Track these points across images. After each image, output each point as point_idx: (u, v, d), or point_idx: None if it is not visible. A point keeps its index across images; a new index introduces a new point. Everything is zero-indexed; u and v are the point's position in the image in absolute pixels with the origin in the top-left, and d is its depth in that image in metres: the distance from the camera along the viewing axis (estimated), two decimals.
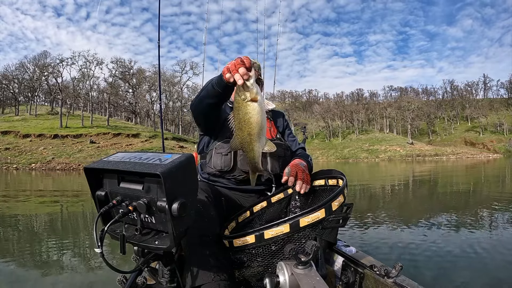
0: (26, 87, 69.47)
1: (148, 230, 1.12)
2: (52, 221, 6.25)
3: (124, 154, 1.17)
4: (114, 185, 1.11)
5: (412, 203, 8.08)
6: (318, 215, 1.23)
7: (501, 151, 77.22)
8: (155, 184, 1.02)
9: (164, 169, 0.96)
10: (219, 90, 1.47)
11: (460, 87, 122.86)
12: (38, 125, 51.17)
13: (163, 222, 1.04)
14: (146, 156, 1.11)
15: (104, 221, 1.11)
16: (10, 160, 36.96)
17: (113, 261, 3.31)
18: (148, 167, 1.01)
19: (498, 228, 4.89)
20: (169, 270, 1.28)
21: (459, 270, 3.18)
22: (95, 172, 1.14)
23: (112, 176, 1.12)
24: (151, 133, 51.30)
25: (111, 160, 1.14)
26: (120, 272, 1.11)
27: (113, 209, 1.08)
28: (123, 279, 1.24)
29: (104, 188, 1.13)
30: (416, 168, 28.00)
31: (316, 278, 1.10)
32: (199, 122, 1.84)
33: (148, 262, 1.22)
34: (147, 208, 1.03)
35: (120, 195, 1.08)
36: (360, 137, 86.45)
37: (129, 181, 1.09)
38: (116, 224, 1.13)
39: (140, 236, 1.10)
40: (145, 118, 78.59)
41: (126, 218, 1.11)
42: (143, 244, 1.08)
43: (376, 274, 1.37)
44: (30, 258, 3.78)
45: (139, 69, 70.34)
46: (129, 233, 1.11)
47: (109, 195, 1.12)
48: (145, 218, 1.08)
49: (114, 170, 1.08)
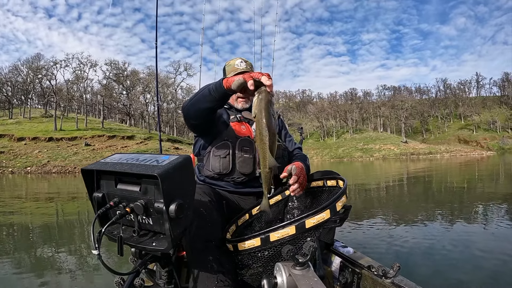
0: (20, 90, 68.90)
1: (146, 231, 1.12)
2: (49, 224, 6.21)
3: (121, 156, 1.17)
4: (111, 187, 1.11)
5: (408, 202, 8.13)
6: (323, 216, 1.22)
7: (494, 148, 77.84)
8: (153, 185, 1.02)
9: (162, 171, 0.96)
10: (215, 96, 1.49)
11: (453, 86, 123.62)
12: (32, 128, 50.70)
13: (161, 223, 1.04)
14: (143, 157, 1.11)
15: (101, 223, 1.11)
16: (5, 163, 36.55)
17: (110, 261, 3.31)
18: (145, 168, 1.01)
19: (493, 224, 4.94)
20: (166, 271, 1.28)
21: (456, 268, 3.20)
22: (92, 174, 1.13)
23: (109, 178, 1.11)
24: (146, 135, 51.07)
25: (108, 161, 1.14)
26: (117, 273, 1.11)
27: (111, 210, 1.08)
28: (120, 281, 1.23)
29: (101, 190, 1.13)
30: (411, 166, 28.14)
31: (314, 279, 1.10)
32: (189, 124, 1.81)
33: (145, 263, 1.22)
34: (145, 210, 1.03)
35: (117, 197, 1.08)
36: (354, 137, 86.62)
37: (126, 182, 1.09)
38: (113, 226, 1.13)
39: (137, 238, 1.10)
40: (139, 120, 78.22)
41: (124, 220, 1.11)
42: (141, 246, 1.07)
43: (374, 275, 1.38)
44: (28, 262, 3.76)
45: (133, 71, 70.05)
46: (127, 234, 1.11)
47: (106, 197, 1.11)
48: (143, 220, 1.08)
49: (111, 171, 1.08)
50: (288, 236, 1.21)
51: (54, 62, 60.33)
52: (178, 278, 1.32)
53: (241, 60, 2.12)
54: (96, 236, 0.98)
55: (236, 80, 1.37)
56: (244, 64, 2.09)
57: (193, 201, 1.14)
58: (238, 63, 2.09)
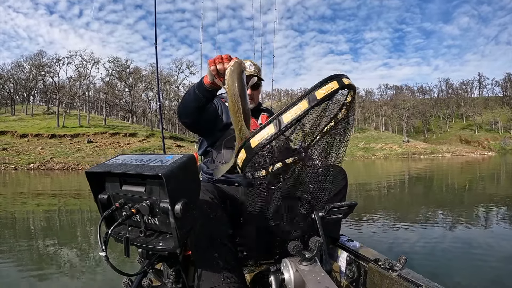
0: (22, 87, 69.06)
1: (152, 231, 1.12)
2: (56, 223, 6.23)
3: (125, 157, 1.17)
4: (116, 188, 1.11)
5: (411, 200, 8.12)
6: (331, 86, 1.11)
7: (496, 149, 77.64)
8: (157, 185, 1.02)
9: (166, 171, 0.97)
10: (199, 94, 1.52)
11: (455, 86, 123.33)
12: (35, 125, 50.84)
13: (167, 223, 1.04)
14: (147, 158, 1.11)
15: (107, 224, 1.11)
16: (8, 160, 36.68)
17: (117, 262, 3.31)
18: (150, 169, 1.01)
19: (495, 222, 4.94)
20: (174, 271, 1.28)
21: (462, 261, 3.21)
22: (97, 176, 1.14)
23: (114, 179, 1.12)
24: (148, 132, 51.13)
25: (112, 163, 1.14)
26: (125, 274, 1.11)
27: (116, 212, 1.08)
28: (128, 281, 1.24)
29: (106, 192, 1.13)
30: (412, 166, 28.10)
31: (321, 274, 1.11)
32: (183, 123, 1.80)
33: (152, 263, 1.22)
34: (150, 210, 1.03)
35: (122, 198, 1.09)
36: (356, 135, 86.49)
37: (131, 183, 1.09)
38: (119, 227, 1.13)
39: (144, 238, 1.10)
40: (141, 118, 78.31)
41: (130, 221, 1.11)
42: (147, 246, 1.08)
43: (380, 268, 1.38)
44: (31, 264, 3.77)
45: (136, 68, 70.20)
46: (133, 235, 1.12)
47: (111, 198, 1.12)
48: (148, 220, 1.09)
49: (115, 173, 1.08)
50: (302, 112, 1.08)
51: (57, 59, 60.53)
52: (186, 277, 1.32)
53: (250, 63, 2.05)
54: (102, 237, 0.99)
55: (208, 72, 1.42)
56: (253, 67, 2.04)
57: (198, 200, 1.14)
58: (247, 66, 1.99)
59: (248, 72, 1.96)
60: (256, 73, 2.03)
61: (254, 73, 2.01)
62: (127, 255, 1.03)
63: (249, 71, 1.99)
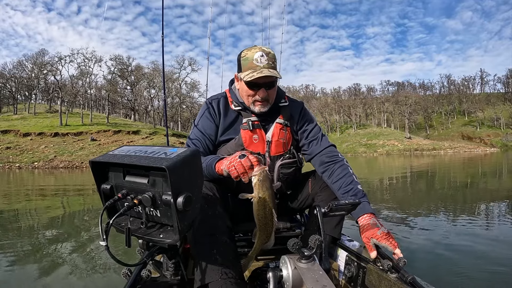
0: (24, 86, 69.24)
1: (153, 223, 1.12)
2: (55, 217, 6.25)
3: (130, 148, 1.17)
4: (120, 179, 1.11)
5: (414, 198, 8.10)
6: None
7: (498, 145, 77.57)
8: (161, 178, 1.02)
9: (170, 163, 0.96)
10: (208, 175, 1.53)
11: (457, 82, 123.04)
12: (37, 123, 51.03)
13: (168, 215, 1.05)
14: (151, 150, 1.11)
15: (109, 214, 1.12)
16: (12, 159, 36.86)
17: (116, 252, 3.32)
18: (154, 161, 1.01)
19: (497, 219, 4.93)
20: (173, 263, 1.29)
21: (462, 263, 3.19)
22: (100, 166, 1.14)
23: (117, 170, 1.12)
24: (151, 130, 51.23)
25: (116, 153, 1.14)
26: (124, 265, 1.12)
27: (118, 202, 1.09)
28: (128, 272, 1.24)
29: (109, 182, 1.13)
30: (415, 162, 28.04)
31: (319, 272, 1.11)
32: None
33: (152, 255, 1.23)
34: (152, 202, 1.03)
35: (125, 189, 1.08)
36: (358, 132, 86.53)
37: (134, 174, 1.09)
38: (121, 218, 1.14)
39: (145, 230, 1.10)
40: (144, 115, 78.38)
41: (131, 212, 1.12)
42: (148, 237, 1.08)
43: (379, 269, 1.38)
44: (32, 254, 3.79)
45: (138, 66, 70.23)
46: (134, 226, 1.12)
47: (114, 189, 1.12)
48: (150, 212, 1.09)
49: (119, 163, 1.08)
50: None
51: (59, 58, 60.62)
52: (185, 269, 1.33)
53: (261, 53, 1.60)
54: (104, 227, 0.99)
55: (224, 171, 1.40)
56: (266, 59, 1.60)
57: (200, 194, 1.14)
58: (258, 58, 1.59)
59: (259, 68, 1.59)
60: (270, 66, 1.61)
61: (268, 66, 1.60)
62: (129, 245, 1.03)
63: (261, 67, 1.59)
